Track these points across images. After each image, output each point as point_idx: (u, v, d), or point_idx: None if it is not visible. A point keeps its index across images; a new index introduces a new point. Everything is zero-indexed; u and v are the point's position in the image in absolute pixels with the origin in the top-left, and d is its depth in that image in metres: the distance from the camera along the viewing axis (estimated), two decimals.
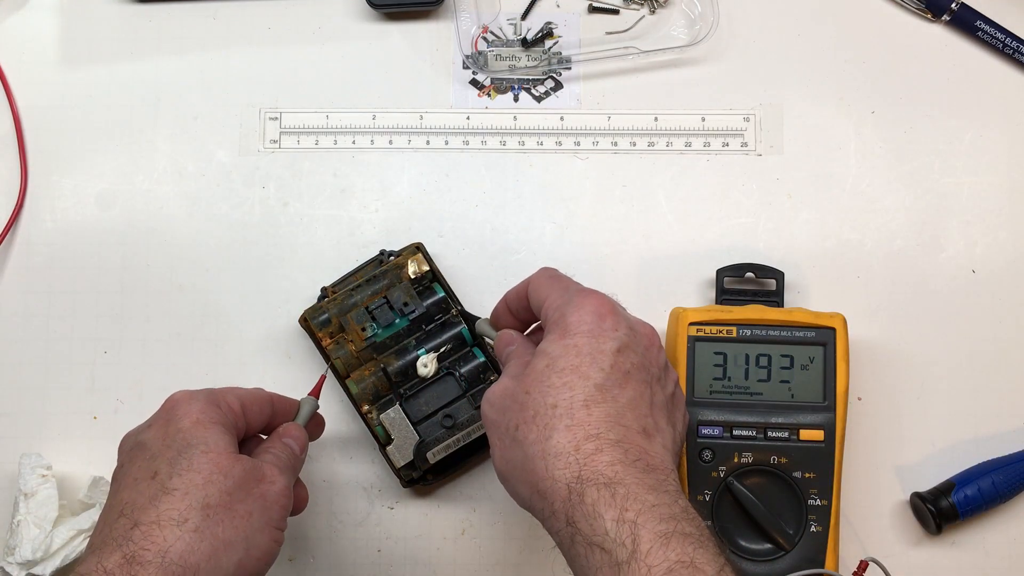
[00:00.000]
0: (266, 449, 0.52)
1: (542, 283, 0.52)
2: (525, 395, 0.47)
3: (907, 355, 0.64)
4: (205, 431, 0.49)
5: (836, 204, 0.66)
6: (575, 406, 0.46)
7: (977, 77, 0.67)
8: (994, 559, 0.62)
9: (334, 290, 0.63)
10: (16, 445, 0.63)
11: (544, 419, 0.46)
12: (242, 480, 0.48)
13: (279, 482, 0.50)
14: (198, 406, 0.50)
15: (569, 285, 0.52)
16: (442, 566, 0.62)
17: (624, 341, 0.48)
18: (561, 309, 0.49)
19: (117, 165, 0.66)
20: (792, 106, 0.67)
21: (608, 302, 0.49)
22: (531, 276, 0.54)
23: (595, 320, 0.48)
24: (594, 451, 0.45)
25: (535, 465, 0.46)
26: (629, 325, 0.49)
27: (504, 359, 0.53)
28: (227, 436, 0.50)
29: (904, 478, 0.63)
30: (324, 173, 0.66)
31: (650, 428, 0.47)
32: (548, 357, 0.48)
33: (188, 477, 0.47)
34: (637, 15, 0.68)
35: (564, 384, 0.47)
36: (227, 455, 0.48)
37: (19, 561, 0.58)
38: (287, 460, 0.52)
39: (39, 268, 0.65)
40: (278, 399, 0.55)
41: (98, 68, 0.68)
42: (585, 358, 0.47)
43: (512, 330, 0.55)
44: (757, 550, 0.58)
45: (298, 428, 0.55)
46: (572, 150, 0.67)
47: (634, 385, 0.47)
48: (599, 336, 0.48)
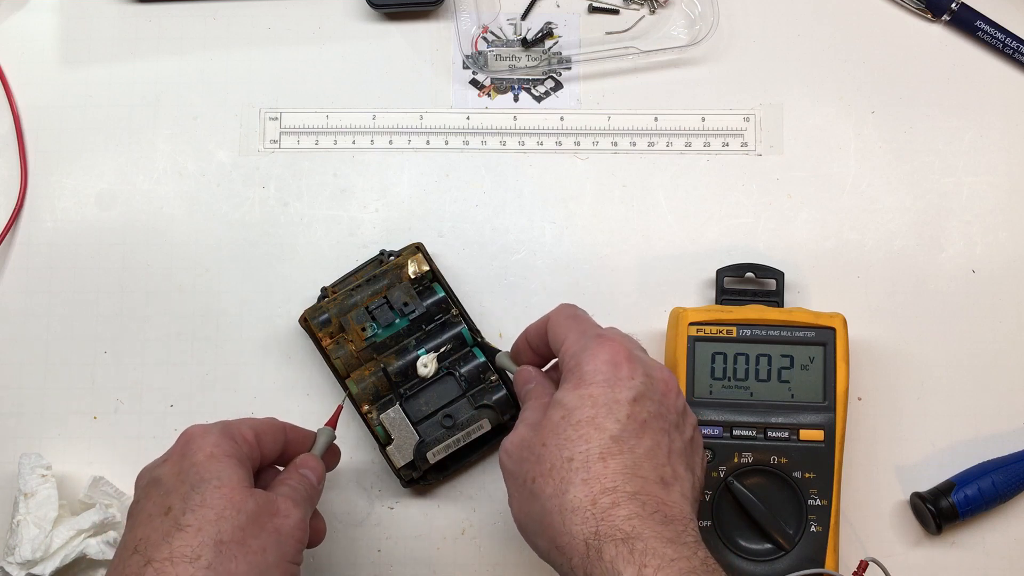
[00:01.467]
0: (282, 481, 0.52)
1: (561, 322, 0.52)
2: (541, 447, 0.47)
3: (907, 355, 0.64)
4: (219, 465, 0.48)
5: (836, 204, 0.66)
6: (591, 459, 0.46)
7: (977, 77, 0.67)
8: (994, 559, 0.62)
9: (334, 290, 0.63)
10: (16, 445, 0.63)
11: (560, 473, 0.46)
12: (255, 515, 0.48)
13: (293, 516, 0.49)
14: (212, 439, 0.49)
15: (587, 328, 0.51)
16: (442, 566, 0.62)
17: (640, 390, 0.48)
18: (577, 356, 0.49)
19: (117, 165, 0.66)
20: (792, 106, 0.67)
21: (623, 349, 0.49)
22: (551, 312, 0.54)
23: (610, 369, 0.48)
24: (611, 505, 0.44)
25: (552, 520, 0.45)
26: (646, 372, 0.49)
27: (523, 397, 0.53)
28: (241, 469, 0.49)
29: (904, 478, 0.63)
30: (324, 173, 0.66)
31: (668, 477, 0.47)
32: (564, 408, 0.47)
33: (201, 513, 0.47)
34: (637, 15, 0.68)
35: (580, 436, 0.46)
36: (240, 489, 0.48)
37: (19, 561, 0.58)
38: (303, 492, 0.52)
39: (39, 268, 0.65)
40: (291, 429, 0.55)
41: (98, 68, 0.68)
42: (601, 409, 0.47)
43: (531, 367, 0.55)
44: (757, 550, 0.58)
45: (315, 459, 0.54)
46: (572, 150, 0.67)
47: (651, 434, 0.47)
48: (615, 385, 0.47)
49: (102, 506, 0.60)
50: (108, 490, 0.61)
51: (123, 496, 0.61)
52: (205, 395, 0.64)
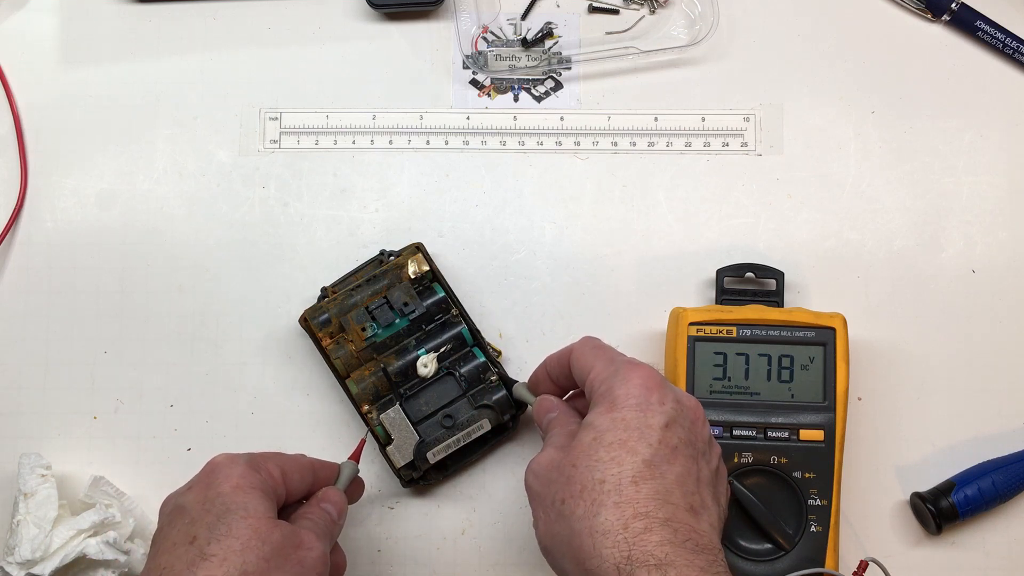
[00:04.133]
0: (304, 515, 0.52)
1: (586, 352, 0.52)
2: (572, 468, 0.47)
3: (907, 355, 0.64)
4: (245, 496, 0.48)
5: (836, 204, 0.66)
6: (623, 482, 0.46)
7: (977, 77, 0.67)
8: (994, 559, 0.62)
9: (334, 290, 0.63)
10: (16, 445, 0.63)
11: (592, 494, 0.46)
12: (280, 546, 0.48)
13: (316, 548, 0.49)
14: (239, 470, 0.49)
15: (614, 356, 0.51)
16: (442, 566, 0.62)
17: (672, 415, 0.48)
18: (608, 381, 0.49)
19: (117, 165, 0.66)
20: (792, 106, 0.67)
21: (655, 375, 0.49)
22: (573, 344, 0.54)
23: (643, 393, 0.48)
24: (643, 530, 0.44)
25: (582, 542, 0.45)
26: (676, 399, 0.49)
27: (545, 426, 0.53)
28: (266, 502, 0.49)
29: (904, 478, 0.63)
30: (324, 173, 0.66)
31: (697, 505, 0.47)
32: (595, 430, 0.47)
33: (227, 543, 0.46)
34: (637, 15, 0.68)
35: (612, 459, 0.46)
36: (266, 521, 0.48)
37: (18, 561, 0.57)
38: (325, 526, 0.52)
39: (39, 268, 0.65)
40: (319, 465, 0.55)
41: (98, 68, 0.68)
42: (633, 432, 0.47)
43: (552, 396, 0.55)
44: (757, 550, 0.58)
45: (337, 493, 0.54)
46: (572, 150, 0.67)
47: (682, 461, 0.47)
48: (647, 410, 0.47)
49: (102, 506, 0.60)
50: (108, 490, 0.61)
51: (123, 496, 0.61)
52: (205, 395, 0.64)
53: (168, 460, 0.63)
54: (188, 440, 0.64)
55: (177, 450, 0.64)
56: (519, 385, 0.59)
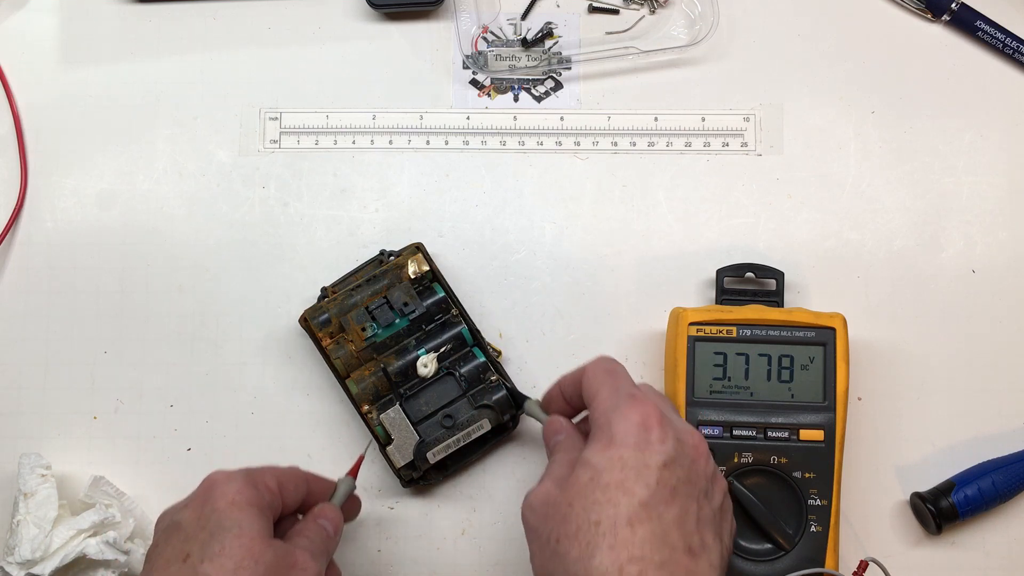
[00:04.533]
0: (300, 532, 0.52)
1: (596, 375, 0.51)
2: (568, 507, 0.47)
3: (907, 355, 0.64)
4: (240, 513, 0.48)
5: (836, 204, 0.66)
6: (619, 524, 0.45)
7: (977, 77, 0.67)
8: (994, 559, 0.62)
9: (334, 290, 0.63)
10: (16, 445, 0.63)
11: (586, 536, 0.45)
12: (273, 566, 0.47)
13: (311, 568, 0.49)
14: (235, 487, 0.49)
15: (621, 385, 0.50)
16: (442, 566, 0.62)
17: (671, 454, 0.47)
18: (608, 414, 0.48)
19: (117, 165, 0.66)
20: (792, 106, 0.67)
21: (656, 411, 0.48)
22: (588, 364, 0.53)
23: (641, 432, 0.47)
24: (637, 575, 0.44)
25: None
26: (676, 436, 0.48)
27: (550, 448, 0.53)
28: (262, 519, 0.49)
29: (904, 478, 0.63)
30: (324, 173, 0.66)
31: (696, 547, 0.46)
32: (592, 469, 0.47)
33: (219, 562, 0.46)
34: (637, 15, 0.68)
35: (608, 500, 0.46)
36: (260, 540, 0.48)
37: (18, 561, 0.57)
38: (320, 544, 0.51)
39: (39, 268, 0.65)
40: (313, 478, 0.55)
41: (98, 68, 0.68)
42: (630, 472, 0.46)
43: (562, 418, 0.54)
44: (757, 550, 0.58)
45: (334, 509, 0.54)
46: (572, 150, 0.67)
47: (680, 501, 0.46)
48: (645, 449, 0.47)
49: (102, 506, 0.60)
50: (108, 490, 0.61)
51: (123, 496, 0.62)
52: (205, 395, 0.64)
53: (168, 460, 0.63)
54: (188, 440, 0.64)
55: (177, 450, 0.64)
56: (531, 402, 0.58)
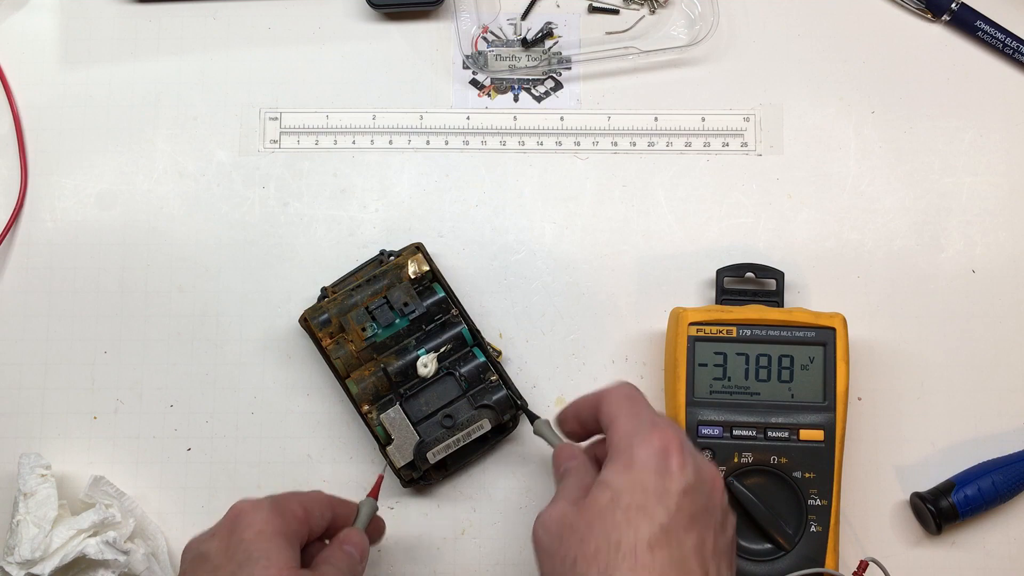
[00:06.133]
0: (326, 560, 0.51)
1: (617, 401, 0.51)
2: (586, 528, 0.46)
3: (907, 355, 0.64)
4: (267, 543, 0.48)
5: (836, 204, 0.66)
6: (639, 547, 0.45)
7: (977, 77, 0.67)
8: (994, 559, 0.62)
9: (334, 290, 0.63)
10: (16, 445, 0.63)
11: (606, 558, 0.45)
12: None
13: None
14: (262, 516, 0.49)
15: (641, 412, 0.50)
16: (442, 566, 0.62)
17: (691, 482, 0.47)
18: (630, 438, 0.48)
19: (117, 165, 0.66)
20: (792, 106, 0.67)
21: (676, 439, 0.48)
22: (608, 388, 0.52)
23: (662, 458, 0.47)
24: None
25: None
26: (696, 465, 0.48)
27: (560, 473, 0.52)
28: (290, 549, 0.48)
29: (904, 478, 0.63)
30: (324, 173, 0.66)
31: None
32: (612, 490, 0.46)
33: None
34: (637, 15, 0.68)
35: (628, 522, 0.45)
36: (288, 570, 0.47)
37: (18, 561, 0.57)
38: (347, 570, 0.51)
39: (39, 268, 0.65)
40: (338, 502, 0.54)
41: (98, 68, 0.68)
42: (651, 496, 0.46)
43: (574, 444, 0.54)
44: (757, 550, 0.58)
45: (359, 534, 0.53)
46: (572, 150, 0.67)
47: (699, 530, 0.46)
48: (665, 475, 0.47)
49: (102, 506, 0.60)
50: (108, 490, 0.61)
51: (123, 496, 0.61)
52: (205, 395, 0.64)
53: (168, 460, 0.63)
54: (188, 440, 0.64)
55: (177, 450, 0.64)
56: (542, 422, 0.57)
